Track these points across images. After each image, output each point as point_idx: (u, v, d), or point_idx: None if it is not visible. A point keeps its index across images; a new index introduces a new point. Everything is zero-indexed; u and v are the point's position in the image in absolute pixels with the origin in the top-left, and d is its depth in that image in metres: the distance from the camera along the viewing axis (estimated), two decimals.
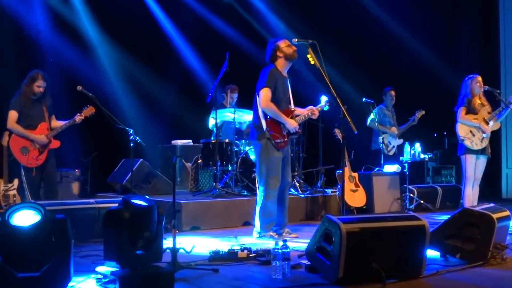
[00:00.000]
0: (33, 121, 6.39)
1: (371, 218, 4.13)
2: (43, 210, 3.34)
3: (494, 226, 4.38)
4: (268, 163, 5.54)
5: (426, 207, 8.30)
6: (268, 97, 5.49)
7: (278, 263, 3.80)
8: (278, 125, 5.57)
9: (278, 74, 5.64)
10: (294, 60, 5.70)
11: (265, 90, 5.49)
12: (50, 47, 8.96)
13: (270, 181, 5.54)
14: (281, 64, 5.68)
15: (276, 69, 5.65)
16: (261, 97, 5.51)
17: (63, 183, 8.32)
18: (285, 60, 5.65)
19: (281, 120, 5.54)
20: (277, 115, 5.52)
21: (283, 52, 5.62)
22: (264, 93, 5.49)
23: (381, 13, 11.03)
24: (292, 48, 5.63)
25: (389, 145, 8.63)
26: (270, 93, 5.49)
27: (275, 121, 5.56)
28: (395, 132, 8.66)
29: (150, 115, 9.88)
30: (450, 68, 10.73)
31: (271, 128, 5.55)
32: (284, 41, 5.67)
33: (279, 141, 5.55)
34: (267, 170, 5.55)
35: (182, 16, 10.59)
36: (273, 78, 5.53)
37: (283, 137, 5.58)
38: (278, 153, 5.57)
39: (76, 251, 4.82)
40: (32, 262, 3.23)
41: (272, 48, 5.67)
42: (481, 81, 6.93)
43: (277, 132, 5.56)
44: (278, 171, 5.59)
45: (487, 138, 6.89)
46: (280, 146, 5.57)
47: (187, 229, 6.36)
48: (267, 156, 5.55)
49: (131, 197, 3.89)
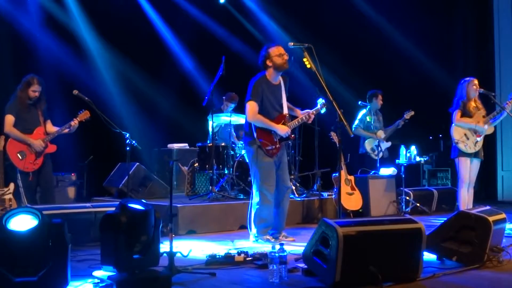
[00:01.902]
0: (29, 126, 6.38)
1: (367, 221, 4.15)
2: (40, 215, 3.34)
3: (490, 229, 4.39)
4: (260, 168, 5.55)
5: (422, 210, 8.31)
6: (254, 110, 5.51)
7: (275, 266, 3.80)
8: (269, 133, 5.57)
9: (267, 83, 5.63)
10: (283, 71, 5.68)
11: (250, 103, 5.51)
12: (46, 51, 8.94)
13: (264, 186, 5.54)
14: (270, 73, 5.65)
15: (265, 78, 5.65)
16: (247, 110, 5.55)
17: (59, 187, 8.31)
18: (273, 70, 5.62)
19: (271, 128, 5.55)
20: (265, 124, 5.53)
21: (272, 62, 5.58)
22: (249, 107, 5.52)
23: (376, 16, 11.06)
24: (282, 59, 5.57)
25: (376, 149, 8.64)
26: (255, 106, 5.50)
27: (265, 129, 5.56)
28: (381, 137, 8.66)
29: (146, 119, 9.87)
30: (446, 71, 10.75)
31: (261, 136, 5.55)
32: (277, 49, 5.59)
33: (270, 148, 5.55)
34: (260, 176, 5.55)
35: (178, 19, 10.59)
36: (258, 90, 5.53)
37: (275, 143, 5.57)
38: (269, 159, 5.57)
39: (73, 255, 4.80)
40: (30, 266, 3.23)
41: (263, 55, 5.63)
42: (477, 84, 6.95)
43: (268, 139, 5.56)
44: (271, 176, 5.58)
45: (481, 142, 6.91)
46: (272, 153, 5.57)
47: (183, 233, 6.35)
48: (258, 162, 5.56)
49: (128, 201, 3.89)
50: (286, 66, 5.63)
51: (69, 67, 9.05)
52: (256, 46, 10.66)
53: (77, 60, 9.30)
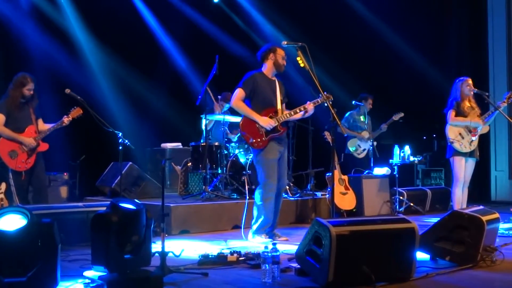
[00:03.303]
0: (21, 125, 6.32)
1: (361, 221, 4.13)
2: (30, 214, 3.31)
3: (483, 229, 4.38)
4: (263, 165, 5.59)
5: (416, 210, 8.31)
6: (239, 96, 5.61)
7: (267, 266, 3.78)
8: (254, 125, 5.59)
9: (262, 77, 5.72)
10: (277, 72, 5.79)
11: (239, 90, 5.63)
12: (37, 49, 8.88)
13: (267, 181, 5.58)
14: (269, 67, 5.75)
15: (262, 73, 5.74)
16: (233, 95, 5.65)
17: (51, 187, 8.25)
18: (273, 65, 5.73)
19: (252, 118, 5.57)
20: (246, 113, 5.61)
21: (275, 58, 5.70)
22: (236, 92, 5.64)
23: (370, 16, 11.07)
24: (283, 62, 5.72)
25: (358, 149, 8.70)
26: (243, 93, 5.61)
27: (249, 121, 5.60)
28: (364, 137, 8.72)
29: (139, 118, 9.83)
30: (440, 71, 10.77)
31: (244, 129, 5.63)
32: (283, 51, 5.71)
33: (252, 141, 5.58)
34: (263, 172, 5.60)
35: (172, 18, 10.56)
36: (250, 82, 5.63)
37: (260, 136, 5.57)
38: (273, 156, 5.58)
39: (64, 255, 4.78)
40: (18, 267, 3.20)
41: (269, 48, 5.75)
42: (471, 83, 6.95)
43: (251, 132, 5.58)
44: (274, 172, 5.60)
45: (476, 141, 6.91)
46: (257, 146, 5.58)
47: (176, 233, 6.32)
48: (260, 158, 5.60)
49: (119, 201, 3.86)
50: (282, 70, 5.79)
51: (61, 66, 8.99)
52: (250, 45, 10.68)
53: (69, 58, 9.24)
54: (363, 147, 8.84)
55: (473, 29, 11.46)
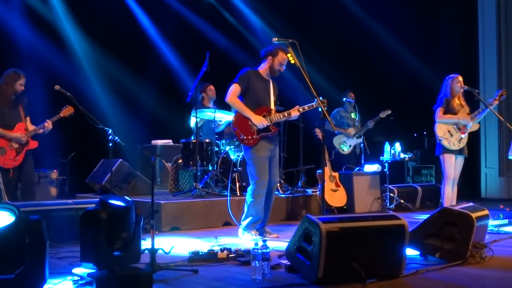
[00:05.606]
0: (10, 122, 6.28)
1: (351, 217, 4.13)
2: (18, 211, 3.27)
3: (473, 225, 4.40)
4: (254, 163, 5.61)
5: (406, 207, 8.34)
6: (235, 92, 5.61)
7: (257, 263, 3.78)
8: (246, 122, 5.59)
9: (257, 76, 5.74)
10: (272, 76, 5.80)
11: (234, 85, 5.64)
12: (27, 46, 8.80)
13: (257, 179, 5.59)
14: (265, 68, 5.77)
15: (257, 72, 5.77)
16: (229, 91, 5.64)
17: (41, 184, 8.18)
18: (269, 67, 5.74)
19: (246, 115, 5.58)
20: (241, 109, 5.61)
21: (273, 62, 5.69)
22: (231, 88, 5.63)
23: (362, 13, 11.09)
24: (280, 67, 5.70)
25: (344, 145, 8.88)
26: (238, 89, 5.61)
27: (242, 117, 5.61)
28: (351, 133, 8.79)
29: (129, 115, 9.77)
30: (430, 68, 10.79)
31: (236, 125, 5.63)
32: (284, 57, 5.64)
33: (243, 137, 5.59)
34: (254, 169, 5.61)
35: (162, 15, 10.50)
36: (246, 78, 5.64)
37: (251, 134, 5.58)
38: (263, 154, 5.60)
39: (54, 252, 4.76)
40: (6, 264, 3.17)
41: (271, 50, 5.71)
42: (462, 81, 6.96)
43: (243, 129, 5.59)
44: (265, 169, 5.62)
45: (465, 139, 6.93)
46: (247, 143, 5.59)
47: (167, 230, 6.30)
48: (251, 155, 5.62)
49: (109, 198, 3.84)
50: (276, 75, 5.82)
51: (51, 62, 8.90)
52: (241, 42, 10.66)
53: (59, 55, 9.15)
54: (349, 143, 8.87)
55: (464, 29, 11.55)
